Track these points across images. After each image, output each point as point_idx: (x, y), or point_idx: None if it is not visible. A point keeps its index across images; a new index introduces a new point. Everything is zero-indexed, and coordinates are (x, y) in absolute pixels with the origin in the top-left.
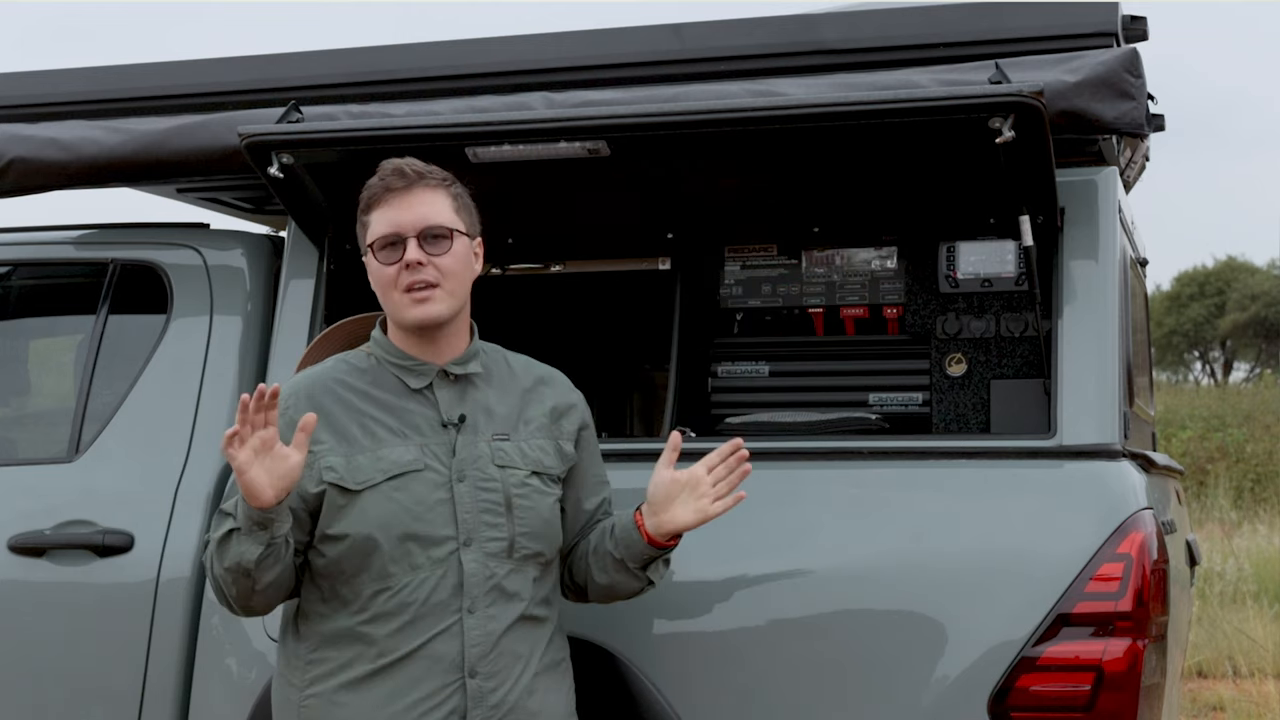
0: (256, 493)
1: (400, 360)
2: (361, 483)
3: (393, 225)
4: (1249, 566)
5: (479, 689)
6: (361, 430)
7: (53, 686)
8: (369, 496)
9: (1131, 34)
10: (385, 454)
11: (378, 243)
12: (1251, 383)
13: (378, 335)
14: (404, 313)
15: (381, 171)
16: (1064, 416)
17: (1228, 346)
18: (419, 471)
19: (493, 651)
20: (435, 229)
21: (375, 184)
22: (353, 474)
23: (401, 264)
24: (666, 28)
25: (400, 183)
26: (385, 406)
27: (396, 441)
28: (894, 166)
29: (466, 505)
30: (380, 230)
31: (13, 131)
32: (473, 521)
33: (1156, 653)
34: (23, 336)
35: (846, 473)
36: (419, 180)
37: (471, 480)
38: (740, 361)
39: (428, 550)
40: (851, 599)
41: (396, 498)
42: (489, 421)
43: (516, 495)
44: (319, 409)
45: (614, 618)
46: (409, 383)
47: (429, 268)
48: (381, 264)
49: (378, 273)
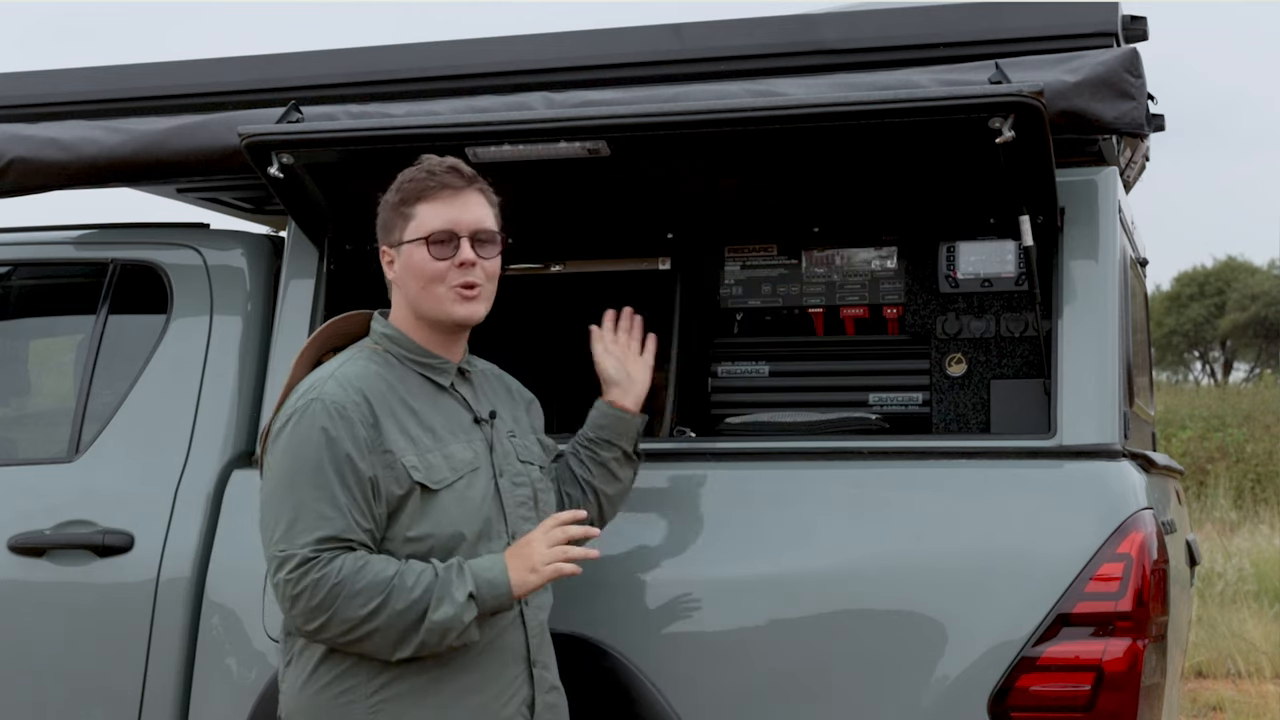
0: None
1: (426, 358)
2: (439, 482)
3: (450, 222)
4: (1249, 566)
5: (541, 677)
6: (421, 429)
7: (53, 686)
8: (446, 496)
9: (1131, 34)
10: (452, 452)
11: (433, 236)
12: (1251, 383)
13: (392, 332)
14: (450, 308)
15: (430, 165)
16: (1064, 416)
17: (1228, 346)
18: (477, 469)
19: (543, 640)
20: (488, 234)
21: (426, 178)
22: (430, 473)
23: (455, 262)
24: (666, 28)
25: (459, 182)
26: (428, 404)
27: (453, 439)
28: (894, 166)
29: (509, 501)
30: (435, 224)
31: (13, 131)
32: (513, 516)
33: (1156, 653)
34: (23, 336)
35: (846, 473)
36: (473, 183)
37: (508, 476)
38: (740, 361)
39: (489, 545)
40: (851, 599)
41: (469, 495)
42: (501, 419)
43: (539, 489)
44: (384, 407)
45: (614, 617)
46: (438, 380)
47: (479, 269)
48: (434, 258)
49: (424, 265)
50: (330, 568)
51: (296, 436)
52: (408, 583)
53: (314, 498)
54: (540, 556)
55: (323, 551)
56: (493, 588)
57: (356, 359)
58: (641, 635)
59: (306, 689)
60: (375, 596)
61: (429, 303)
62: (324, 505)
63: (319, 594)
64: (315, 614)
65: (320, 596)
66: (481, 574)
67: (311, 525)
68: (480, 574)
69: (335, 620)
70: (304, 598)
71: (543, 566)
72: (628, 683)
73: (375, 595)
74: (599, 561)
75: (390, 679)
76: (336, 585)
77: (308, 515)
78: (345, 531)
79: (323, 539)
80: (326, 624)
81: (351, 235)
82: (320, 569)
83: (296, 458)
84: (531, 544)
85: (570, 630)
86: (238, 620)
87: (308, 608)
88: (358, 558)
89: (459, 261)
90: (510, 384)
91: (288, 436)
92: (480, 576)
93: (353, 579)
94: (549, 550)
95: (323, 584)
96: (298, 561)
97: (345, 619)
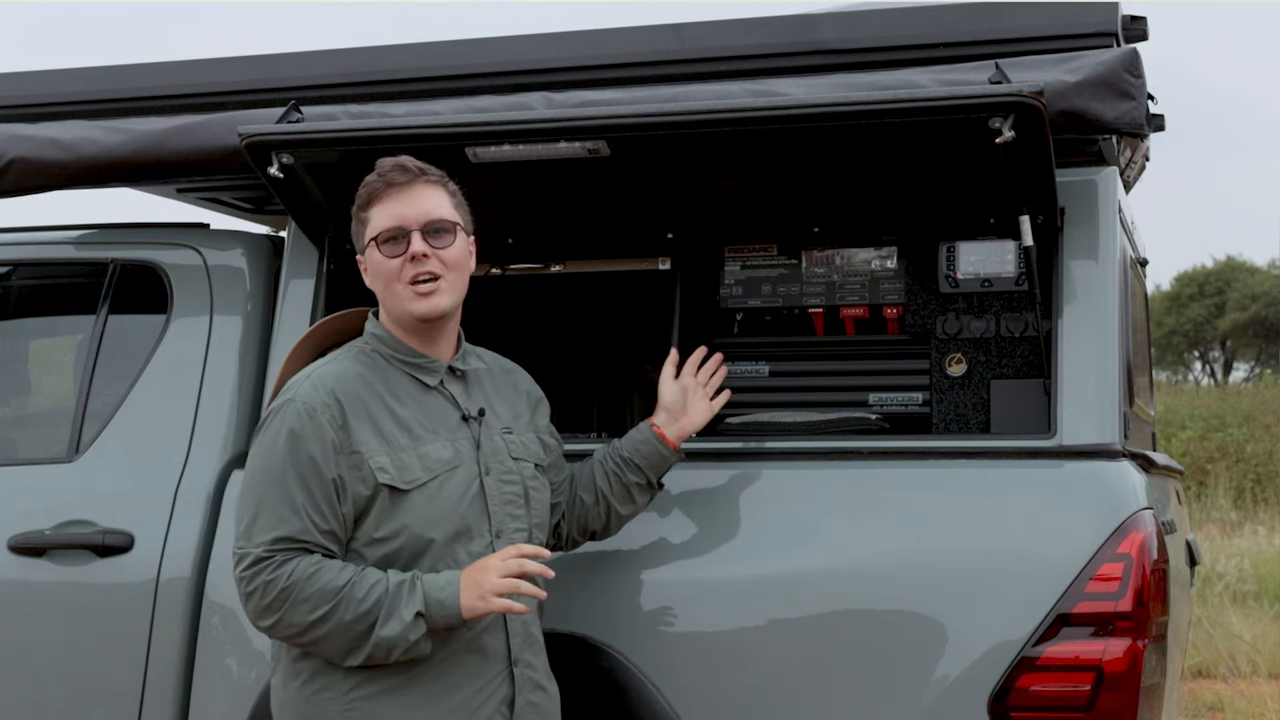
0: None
1: (411, 357)
2: (410, 482)
3: (396, 219)
4: (1249, 566)
5: (523, 676)
6: (398, 428)
7: (53, 686)
8: (417, 496)
9: (1131, 34)
10: (427, 451)
11: (381, 235)
12: (1251, 383)
13: (380, 332)
14: (409, 305)
15: (380, 168)
16: (1064, 416)
17: (1228, 346)
18: (456, 468)
19: (527, 639)
20: (439, 222)
21: (374, 180)
22: (401, 474)
23: (406, 256)
24: (666, 28)
25: (402, 178)
26: (409, 403)
27: (431, 438)
28: (894, 167)
29: (495, 498)
30: (383, 224)
31: (13, 131)
32: (500, 514)
33: (1156, 653)
34: (23, 336)
35: (846, 473)
36: (420, 176)
37: (495, 474)
38: (740, 361)
39: (467, 546)
40: (851, 599)
41: (443, 495)
42: (495, 416)
43: (531, 487)
44: (356, 408)
45: (614, 617)
46: (424, 379)
47: (433, 260)
48: (385, 257)
49: (380, 266)
50: (282, 570)
51: (267, 436)
52: (358, 594)
53: (274, 498)
54: (491, 585)
55: (277, 552)
56: (442, 607)
57: (340, 359)
58: (641, 635)
59: (289, 685)
60: (323, 604)
61: (392, 303)
62: (283, 506)
63: (269, 595)
64: (265, 614)
65: (270, 598)
66: (433, 593)
67: (269, 525)
68: (432, 593)
69: (284, 622)
70: (255, 596)
71: (493, 597)
72: (626, 682)
73: (323, 603)
74: (599, 561)
75: (366, 677)
76: (286, 589)
77: (266, 515)
78: (301, 533)
79: (278, 539)
80: (276, 624)
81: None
82: (272, 570)
83: (264, 457)
84: (487, 570)
85: (570, 630)
86: (238, 620)
87: (259, 607)
88: (312, 561)
89: (410, 255)
90: (519, 380)
91: (260, 435)
92: (431, 596)
93: (303, 584)
94: (501, 581)
95: (273, 586)
96: (251, 560)
97: (293, 622)
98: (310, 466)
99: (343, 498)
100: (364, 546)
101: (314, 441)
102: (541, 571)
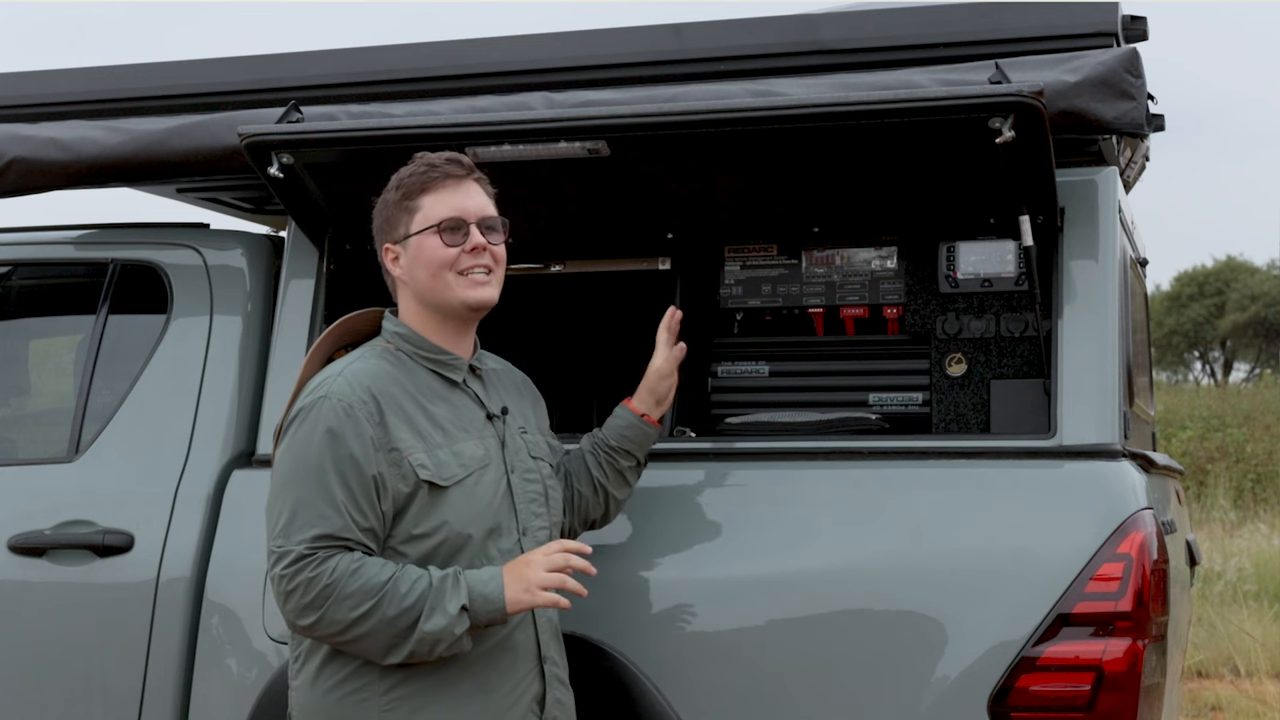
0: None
1: (435, 354)
2: (448, 479)
3: (457, 210)
4: (1249, 566)
5: (551, 673)
6: (431, 425)
7: (53, 686)
8: (455, 493)
9: (1131, 34)
10: (461, 449)
11: (444, 224)
12: (1251, 383)
13: (403, 330)
14: (462, 293)
15: (428, 160)
16: (1064, 416)
17: (1228, 346)
18: (488, 465)
19: (552, 636)
20: (493, 219)
21: (426, 170)
22: (439, 470)
23: (466, 247)
24: (666, 28)
25: (459, 170)
26: (437, 400)
27: (463, 435)
28: (894, 166)
29: (520, 497)
30: (444, 213)
31: (13, 131)
32: (525, 512)
33: (1156, 653)
34: (23, 336)
35: (846, 473)
36: (472, 173)
37: (519, 472)
38: (740, 361)
39: (499, 543)
40: (851, 599)
41: (477, 493)
42: (513, 415)
43: (549, 485)
44: (391, 405)
45: (614, 617)
46: (450, 376)
47: (488, 254)
48: (446, 245)
49: (436, 253)
50: (324, 567)
51: (301, 433)
52: (401, 589)
53: (314, 495)
54: (538, 579)
55: (319, 549)
56: (487, 602)
57: (368, 357)
58: (641, 635)
59: (317, 686)
60: (367, 600)
61: (440, 291)
62: (322, 503)
63: (311, 593)
64: (307, 612)
65: (312, 595)
66: (477, 587)
67: (309, 522)
68: (476, 587)
69: (325, 620)
70: (296, 594)
71: (539, 591)
72: (628, 683)
73: (367, 599)
74: (599, 561)
75: (404, 676)
76: (329, 585)
77: (306, 512)
78: (342, 530)
79: (319, 536)
80: (317, 623)
81: (351, 235)
82: (314, 568)
83: (300, 455)
84: (532, 564)
85: (570, 630)
86: (238, 620)
87: (300, 605)
88: (354, 559)
89: (470, 246)
90: (519, 381)
91: (293, 433)
92: (475, 590)
93: (346, 580)
94: (547, 575)
95: (315, 583)
96: (293, 558)
97: (335, 620)
98: (350, 464)
99: (382, 495)
100: (402, 544)
101: (353, 438)
102: (585, 567)
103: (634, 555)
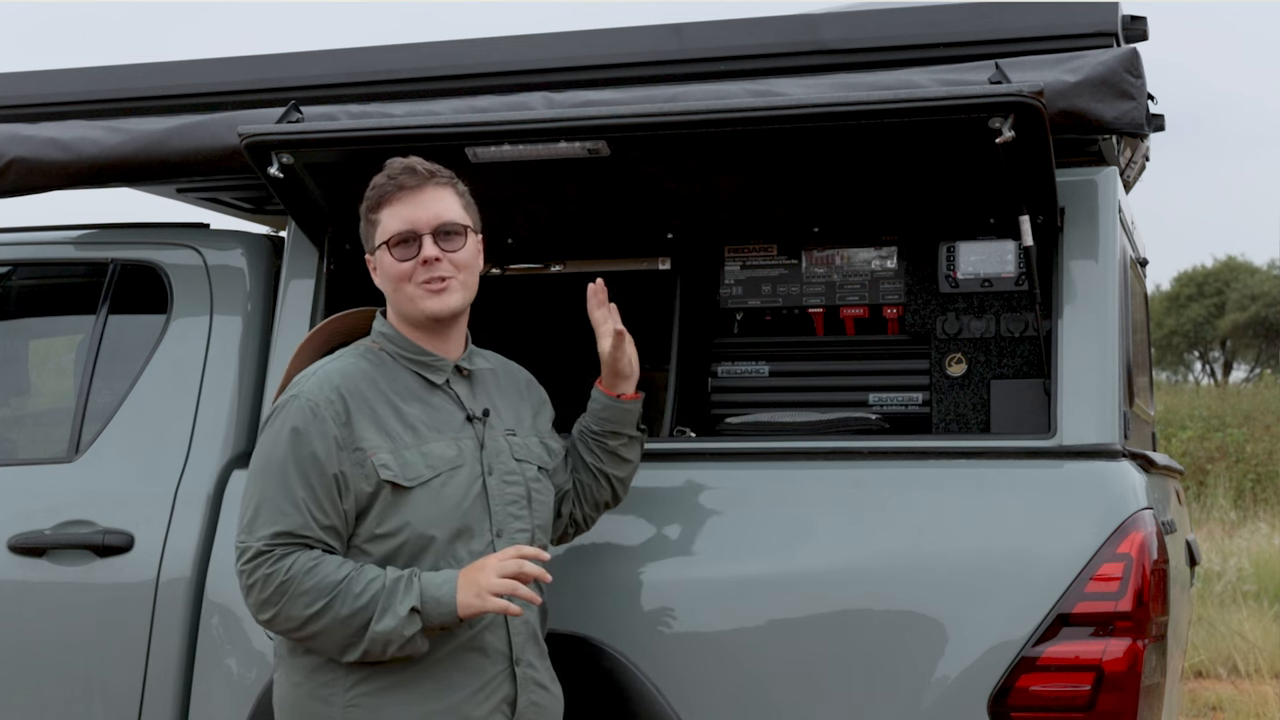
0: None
1: (418, 355)
2: (413, 479)
3: (408, 222)
4: (1249, 566)
5: (525, 676)
6: (402, 426)
7: (53, 686)
8: (420, 493)
9: (1131, 34)
10: (430, 449)
11: (393, 239)
12: (1251, 383)
13: (388, 331)
14: (420, 304)
15: (390, 170)
16: (1064, 416)
17: (1228, 346)
18: (459, 467)
19: (530, 639)
20: (449, 225)
21: (384, 182)
22: (404, 471)
23: (418, 260)
24: (666, 28)
25: (412, 180)
26: (414, 402)
27: (436, 437)
28: (894, 166)
29: (496, 499)
30: (395, 227)
31: (13, 131)
32: (502, 515)
33: (1156, 653)
34: (23, 336)
35: (846, 473)
36: (430, 178)
37: (498, 474)
38: (740, 361)
39: (468, 545)
40: (851, 599)
41: (445, 493)
42: (499, 417)
43: (534, 489)
44: (360, 405)
45: (614, 617)
46: (431, 378)
47: (444, 263)
48: (397, 260)
49: (391, 268)
50: (281, 564)
51: (270, 432)
52: (354, 589)
53: (276, 493)
54: (489, 584)
55: (277, 546)
56: (439, 605)
57: (346, 356)
58: (641, 635)
59: (291, 681)
60: (320, 598)
61: (402, 303)
62: (284, 501)
63: (269, 588)
64: (265, 607)
65: (269, 591)
66: (430, 590)
67: (270, 519)
68: (429, 590)
69: (282, 616)
70: (255, 589)
71: (489, 596)
72: (627, 682)
73: (321, 597)
74: (599, 561)
75: (368, 674)
76: (285, 582)
77: (268, 509)
78: (302, 528)
79: (278, 534)
80: (275, 618)
81: (351, 235)
82: (272, 564)
83: (267, 453)
84: (485, 569)
85: (570, 630)
86: (238, 620)
87: (258, 600)
88: (312, 556)
89: (422, 259)
90: (523, 383)
91: (264, 431)
92: (428, 592)
93: (301, 578)
94: (499, 581)
95: (272, 579)
96: (253, 553)
97: (291, 616)
98: (312, 462)
99: (344, 494)
100: (366, 543)
101: (316, 438)
102: (540, 574)
103: (634, 555)
